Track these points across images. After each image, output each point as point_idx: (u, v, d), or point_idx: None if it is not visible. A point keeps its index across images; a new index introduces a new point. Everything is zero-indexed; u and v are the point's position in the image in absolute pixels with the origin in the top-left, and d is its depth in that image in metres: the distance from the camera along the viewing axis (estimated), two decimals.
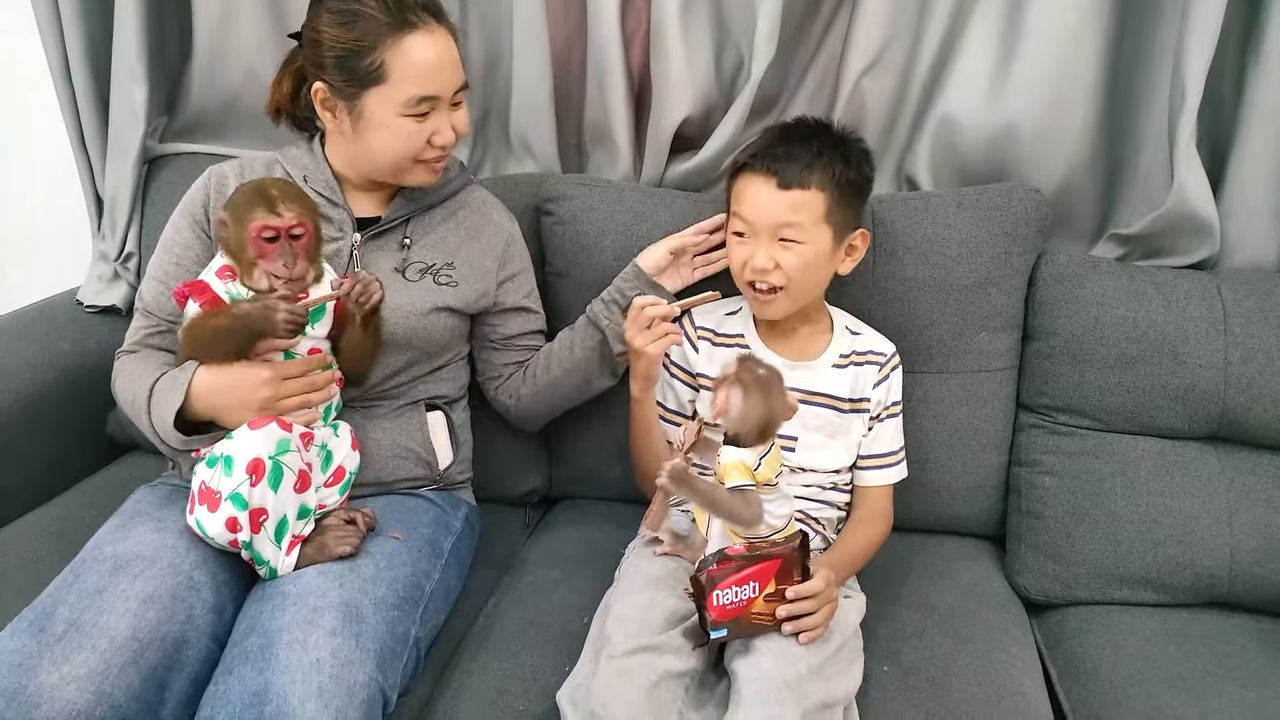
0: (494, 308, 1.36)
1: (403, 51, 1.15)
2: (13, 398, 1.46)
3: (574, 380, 1.37)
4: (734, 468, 1.09)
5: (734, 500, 1.09)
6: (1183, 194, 1.39)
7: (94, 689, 0.94)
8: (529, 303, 1.41)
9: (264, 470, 1.06)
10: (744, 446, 1.10)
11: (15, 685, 0.93)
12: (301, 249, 1.12)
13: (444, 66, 1.19)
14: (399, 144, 1.20)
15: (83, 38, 1.61)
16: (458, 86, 1.22)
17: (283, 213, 1.10)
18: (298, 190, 1.15)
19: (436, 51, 1.18)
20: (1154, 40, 1.42)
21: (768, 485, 1.11)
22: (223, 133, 1.73)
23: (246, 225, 1.09)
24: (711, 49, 1.53)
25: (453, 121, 1.23)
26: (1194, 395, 1.35)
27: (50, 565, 1.14)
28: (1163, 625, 1.30)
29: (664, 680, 1.03)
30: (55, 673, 0.94)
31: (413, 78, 1.16)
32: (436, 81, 1.18)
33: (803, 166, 1.21)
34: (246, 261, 1.12)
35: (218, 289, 1.13)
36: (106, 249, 1.71)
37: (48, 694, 0.93)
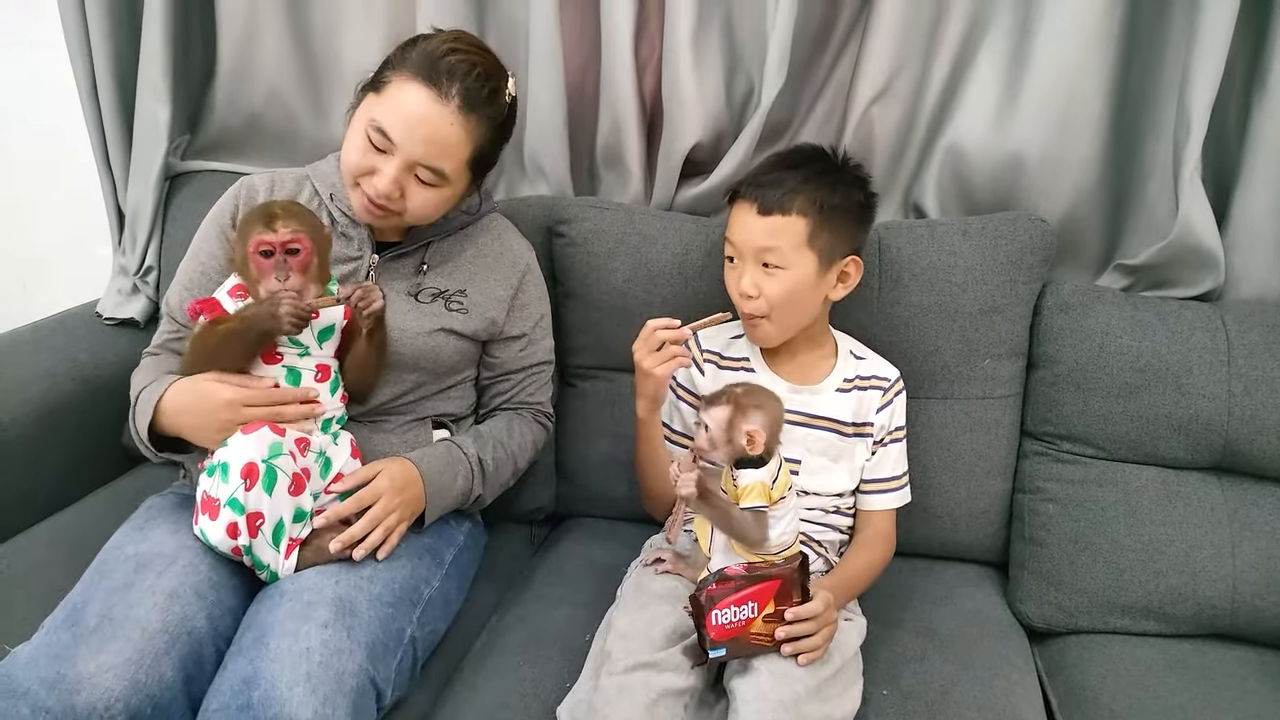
0: (500, 335, 1.37)
1: (403, 89, 1.18)
2: (31, 407, 1.49)
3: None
4: (753, 489, 1.11)
5: (747, 520, 1.11)
6: (1187, 226, 1.40)
7: (129, 677, 0.97)
8: (535, 332, 1.40)
9: (258, 474, 1.09)
10: (764, 464, 1.12)
11: (55, 674, 0.96)
12: (297, 265, 1.13)
13: (419, 126, 1.17)
14: (350, 152, 1.22)
15: (110, 57, 1.66)
16: (418, 159, 1.18)
17: (278, 229, 1.11)
18: (301, 209, 1.16)
19: (424, 112, 1.17)
20: (1160, 73, 1.44)
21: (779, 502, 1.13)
22: (244, 151, 1.77)
23: (244, 242, 1.13)
24: (723, 76, 1.56)
25: (400, 181, 1.19)
26: (1197, 426, 1.36)
27: (64, 572, 1.16)
28: (1163, 655, 1.30)
29: (663, 698, 1.04)
30: (92, 662, 0.97)
31: (387, 107, 1.18)
32: (400, 130, 1.17)
33: (784, 193, 1.22)
34: (251, 279, 1.15)
35: (228, 307, 1.16)
36: (126, 263, 1.74)
37: (86, 682, 0.95)
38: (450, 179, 1.22)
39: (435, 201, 1.24)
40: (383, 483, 1.17)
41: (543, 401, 1.43)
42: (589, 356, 1.55)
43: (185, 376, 1.17)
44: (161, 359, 1.29)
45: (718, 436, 1.12)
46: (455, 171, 1.22)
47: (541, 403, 1.43)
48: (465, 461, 1.27)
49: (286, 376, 1.17)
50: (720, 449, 1.13)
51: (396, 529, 1.18)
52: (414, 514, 1.21)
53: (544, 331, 1.42)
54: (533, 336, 1.39)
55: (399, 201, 1.21)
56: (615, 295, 1.49)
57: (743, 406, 1.12)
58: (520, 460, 1.37)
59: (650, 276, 1.48)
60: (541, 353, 1.41)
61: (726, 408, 1.12)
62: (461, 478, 1.27)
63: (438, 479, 1.24)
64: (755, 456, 1.12)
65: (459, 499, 1.28)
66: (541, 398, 1.43)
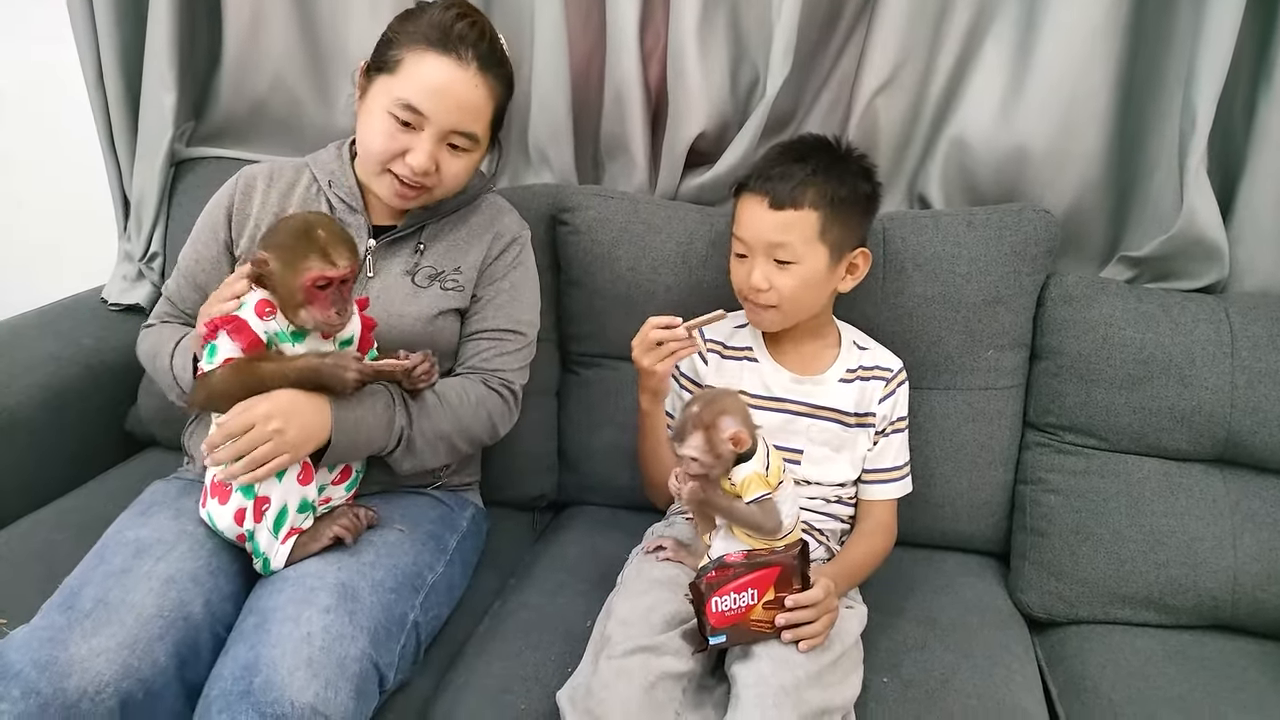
0: (473, 298, 1.33)
1: (420, 61, 1.18)
2: (37, 391, 1.50)
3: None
4: (751, 481, 1.11)
5: (754, 513, 1.11)
6: (1192, 218, 1.40)
7: (121, 662, 0.97)
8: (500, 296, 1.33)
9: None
10: (750, 458, 1.11)
11: (47, 657, 0.96)
12: (347, 292, 1.12)
13: (447, 95, 1.19)
14: (375, 139, 1.21)
15: (116, 44, 1.66)
16: (453, 126, 1.20)
17: (337, 262, 1.07)
18: (341, 230, 1.12)
19: (449, 79, 1.19)
20: (1166, 65, 1.44)
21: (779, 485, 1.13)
22: (249, 138, 1.77)
23: (300, 273, 1.07)
24: (728, 66, 1.56)
25: (436, 155, 1.21)
26: (1200, 417, 1.36)
27: (68, 556, 1.16)
28: (1163, 646, 1.31)
29: (662, 681, 1.04)
30: (85, 645, 0.97)
31: (412, 85, 1.18)
32: (431, 102, 1.18)
33: (794, 186, 1.22)
34: (293, 304, 1.09)
35: (256, 328, 1.10)
36: (132, 249, 1.75)
37: (78, 665, 0.96)
38: (480, 141, 1.24)
39: (466, 168, 1.25)
40: (260, 408, 1.08)
41: (501, 370, 1.31)
42: (592, 344, 1.56)
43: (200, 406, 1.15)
44: (169, 326, 1.29)
45: (707, 460, 1.10)
46: (483, 132, 1.24)
47: (500, 371, 1.31)
48: (385, 391, 1.18)
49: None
50: (715, 468, 1.11)
51: (270, 461, 1.08)
52: (306, 443, 1.11)
53: (512, 300, 1.34)
54: (498, 301, 1.33)
55: (434, 176, 1.22)
56: (619, 284, 1.49)
57: (709, 423, 1.09)
58: (463, 415, 1.25)
59: (653, 265, 1.48)
60: (506, 319, 1.32)
61: (697, 433, 1.09)
62: (382, 405, 1.17)
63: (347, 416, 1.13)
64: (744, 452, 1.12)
65: (380, 430, 1.17)
66: (500, 365, 1.31)
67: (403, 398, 1.20)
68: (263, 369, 1.10)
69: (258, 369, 1.10)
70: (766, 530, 1.12)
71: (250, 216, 1.30)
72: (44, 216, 2.04)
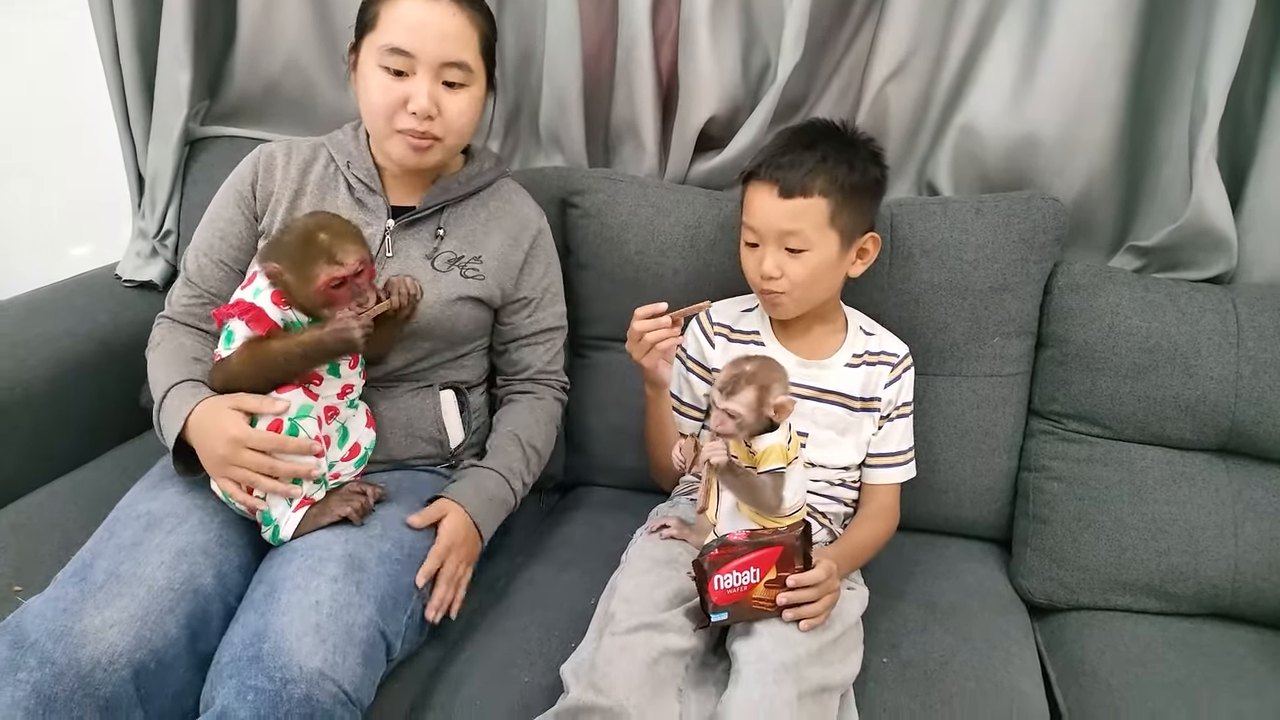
0: (510, 300, 1.38)
1: (395, 8, 1.20)
2: (52, 365, 1.51)
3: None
4: (772, 452, 1.13)
5: (766, 486, 1.13)
6: (1201, 208, 1.40)
7: (134, 633, 0.99)
8: (544, 297, 1.40)
9: (282, 430, 1.11)
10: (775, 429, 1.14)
11: (62, 628, 0.98)
12: (365, 281, 1.13)
13: (429, 28, 1.20)
14: (373, 96, 1.22)
15: (132, 23, 1.67)
16: (443, 58, 1.21)
17: (344, 260, 1.10)
18: (342, 224, 1.15)
19: (427, 14, 1.20)
20: (1177, 54, 1.44)
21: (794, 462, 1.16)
22: (263, 117, 1.78)
23: (312, 280, 1.10)
24: (739, 50, 1.56)
25: (434, 95, 1.21)
26: (1204, 407, 1.36)
27: (81, 527, 1.19)
28: (1163, 633, 1.31)
29: (664, 657, 1.06)
30: (98, 616, 0.99)
31: (392, 28, 1.20)
32: (413, 38, 1.19)
33: (804, 173, 1.22)
34: (316, 308, 1.12)
35: (274, 316, 1.13)
36: (146, 226, 1.76)
37: (92, 635, 0.98)
38: (474, 71, 1.24)
39: (468, 107, 1.25)
40: (444, 543, 1.20)
41: (558, 370, 1.44)
42: (600, 327, 1.57)
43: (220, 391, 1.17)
44: (178, 337, 1.28)
45: (748, 418, 1.12)
46: (474, 61, 1.24)
47: (557, 372, 1.44)
48: (511, 494, 1.30)
49: (328, 369, 1.17)
50: (747, 428, 1.14)
51: (462, 583, 1.22)
52: (472, 560, 1.25)
53: (553, 297, 1.42)
54: (541, 301, 1.40)
55: (439, 121, 1.23)
56: (627, 267, 1.50)
57: (766, 383, 1.13)
58: (547, 455, 1.40)
59: (662, 249, 1.49)
60: (551, 318, 1.42)
61: (750, 390, 1.12)
62: (506, 508, 1.30)
63: (490, 519, 1.27)
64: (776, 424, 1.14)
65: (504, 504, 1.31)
66: (557, 366, 1.44)
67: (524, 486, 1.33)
68: (272, 347, 1.13)
69: (268, 348, 1.13)
70: (769, 506, 1.13)
71: (273, 193, 1.31)
72: (60, 193, 2.06)
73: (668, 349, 1.24)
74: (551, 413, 1.42)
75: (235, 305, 1.14)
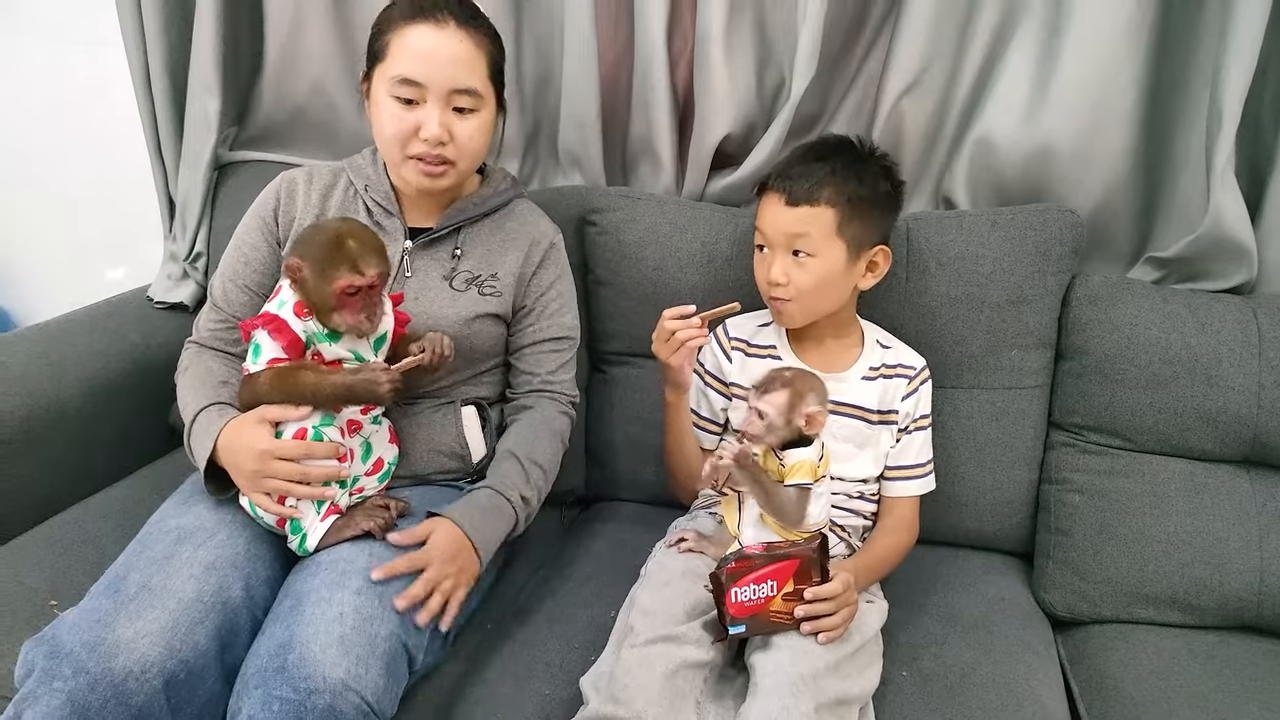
0: (519, 307, 1.38)
1: (403, 35, 1.22)
2: (86, 385, 1.55)
3: None
4: (802, 466, 1.14)
5: (790, 498, 1.14)
6: (1218, 218, 1.40)
7: (165, 644, 1.02)
8: (550, 305, 1.39)
9: (306, 438, 1.14)
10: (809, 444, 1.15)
11: (96, 638, 1.01)
12: (378, 295, 1.16)
13: (437, 57, 1.22)
14: (386, 125, 1.25)
15: (163, 53, 1.72)
16: (452, 85, 1.22)
17: (365, 270, 1.12)
18: (370, 236, 1.16)
19: (434, 42, 1.22)
20: (1192, 66, 1.44)
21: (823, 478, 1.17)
22: (289, 143, 1.83)
23: (330, 281, 1.12)
24: (754, 69, 1.58)
25: (445, 121, 1.23)
26: (1226, 418, 1.35)
27: (115, 542, 1.22)
28: (1188, 646, 1.31)
29: (683, 669, 1.06)
30: (130, 628, 1.02)
31: (401, 59, 1.22)
32: (422, 68, 1.21)
33: (812, 184, 1.24)
34: (326, 308, 1.14)
35: (296, 327, 1.15)
36: (177, 249, 1.81)
37: (124, 646, 1.01)
38: (483, 96, 1.26)
39: (478, 131, 1.27)
40: (432, 553, 1.15)
41: (565, 380, 1.42)
42: (619, 343, 1.59)
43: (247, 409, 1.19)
44: (205, 362, 1.31)
45: (776, 420, 1.15)
46: (483, 86, 1.26)
47: (564, 382, 1.41)
48: (508, 505, 1.26)
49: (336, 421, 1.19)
50: (776, 432, 1.16)
51: (454, 595, 1.16)
52: (470, 576, 1.19)
53: (561, 307, 1.41)
54: (548, 309, 1.39)
55: (451, 145, 1.25)
56: (645, 283, 1.52)
57: (800, 389, 1.16)
58: (553, 469, 1.36)
59: (679, 265, 1.51)
60: (559, 328, 1.40)
61: (784, 391, 1.15)
62: (505, 523, 1.26)
63: (484, 531, 1.22)
64: (804, 437, 1.15)
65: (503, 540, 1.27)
66: (564, 376, 1.41)
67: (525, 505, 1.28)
68: (303, 381, 1.15)
69: (299, 380, 1.15)
70: (791, 519, 1.14)
71: (295, 218, 1.34)
72: (95, 218, 2.11)
73: (693, 349, 1.26)
74: (550, 422, 1.37)
75: (261, 317, 1.17)
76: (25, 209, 2.14)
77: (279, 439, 1.15)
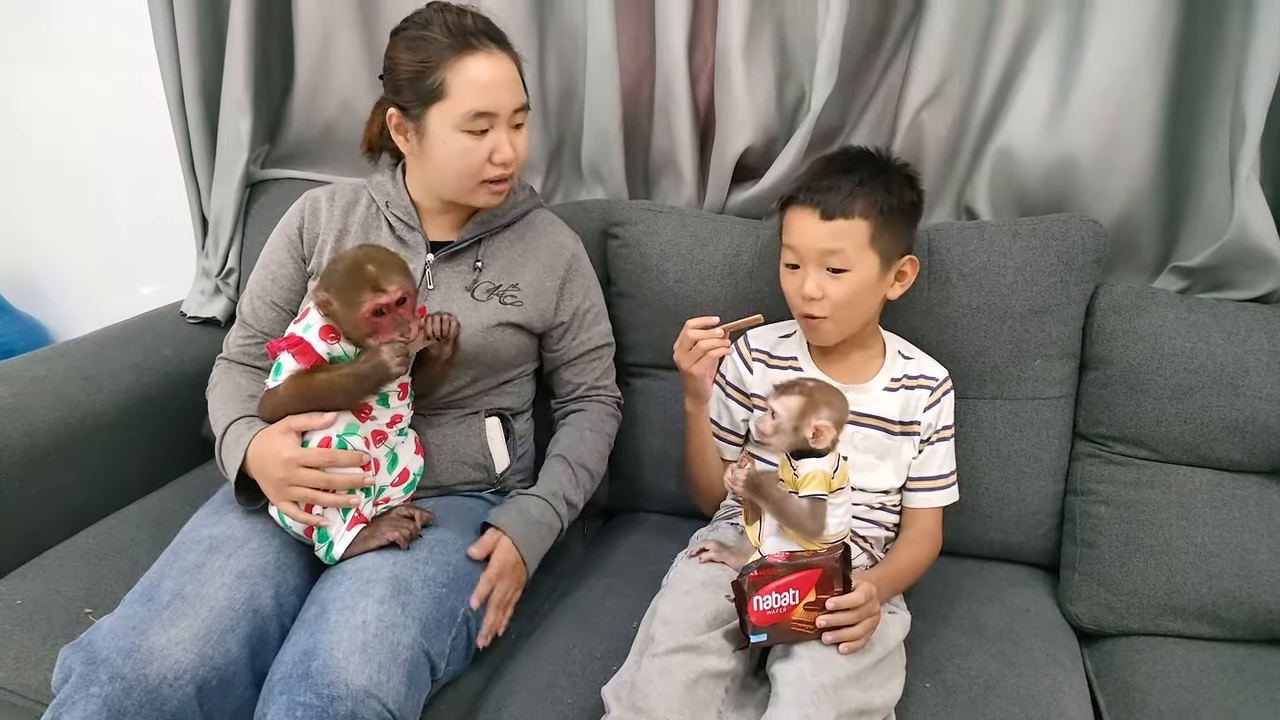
0: (553, 324, 1.42)
1: (462, 70, 1.24)
2: (121, 398, 1.59)
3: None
4: (814, 477, 1.15)
5: (804, 511, 1.15)
6: (1244, 226, 1.39)
7: (197, 651, 1.04)
8: (586, 318, 1.44)
9: (332, 446, 1.17)
10: (823, 455, 1.16)
11: (130, 645, 1.03)
12: (408, 311, 1.18)
13: (501, 85, 1.25)
14: (458, 160, 1.27)
15: (196, 73, 1.77)
16: (516, 106, 1.27)
17: (387, 288, 1.14)
18: (387, 255, 1.19)
19: (494, 71, 1.25)
20: (1215, 74, 1.43)
21: (839, 489, 1.17)
22: (319, 160, 1.86)
23: (356, 307, 1.14)
24: (774, 82, 1.59)
25: (512, 141, 1.28)
26: (1254, 428, 1.34)
27: (147, 552, 1.26)
28: (1216, 659, 1.29)
29: (703, 679, 1.07)
30: (164, 635, 1.05)
31: (470, 94, 1.24)
32: (492, 98, 1.25)
33: (844, 196, 1.25)
34: (360, 335, 1.17)
35: (320, 350, 1.18)
36: (209, 265, 1.85)
37: (159, 653, 1.03)
38: (529, 104, 1.31)
39: (527, 138, 1.33)
40: (495, 568, 1.24)
41: (609, 385, 1.49)
42: (641, 355, 1.60)
43: (269, 420, 1.22)
44: (234, 376, 1.35)
45: (785, 424, 1.16)
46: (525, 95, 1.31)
47: (609, 386, 1.48)
48: (557, 517, 1.33)
49: (378, 400, 1.22)
50: (784, 436, 1.17)
51: (512, 601, 1.26)
52: (519, 589, 1.28)
53: (596, 316, 1.46)
54: (584, 322, 1.44)
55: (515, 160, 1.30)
56: (667, 295, 1.53)
57: (815, 401, 1.17)
58: (600, 470, 1.43)
59: (701, 277, 1.52)
60: (598, 336, 1.46)
61: (799, 398, 1.17)
62: (552, 534, 1.33)
63: (534, 545, 1.29)
64: (816, 449, 1.16)
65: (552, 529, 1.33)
66: (607, 380, 1.48)
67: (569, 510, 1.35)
68: (317, 379, 1.18)
69: (313, 380, 1.18)
70: (809, 530, 1.15)
71: (319, 235, 1.38)
72: (131, 235, 2.17)
73: (715, 359, 1.27)
74: (599, 425, 1.44)
75: (286, 339, 1.21)
76: (63, 227, 2.20)
77: (304, 448, 1.17)
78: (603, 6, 1.57)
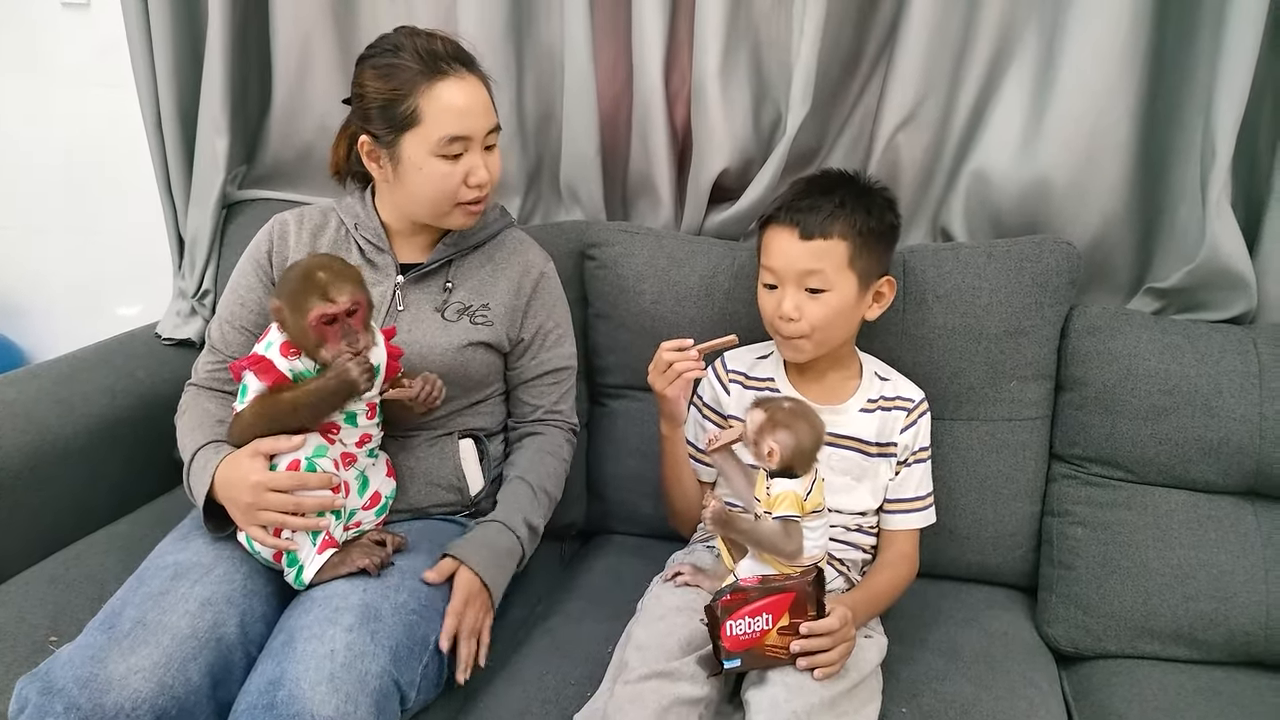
0: (517, 341, 1.40)
1: (434, 96, 1.24)
2: (93, 422, 1.57)
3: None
4: (785, 498, 1.14)
5: (776, 534, 1.14)
6: (1215, 249, 1.40)
7: (157, 680, 1.02)
8: (549, 338, 1.42)
9: (300, 469, 1.15)
10: (796, 477, 1.15)
11: (88, 674, 1.01)
12: (359, 323, 1.17)
13: (474, 109, 1.26)
14: (434, 184, 1.27)
15: (174, 94, 1.76)
16: (489, 128, 1.28)
17: (335, 297, 1.13)
18: (342, 265, 1.19)
19: (467, 96, 1.25)
20: (1186, 97, 1.44)
21: (815, 513, 1.16)
22: (296, 181, 1.86)
23: (305, 314, 1.13)
24: (750, 105, 1.60)
25: (486, 163, 1.29)
26: (1228, 449, 1.34)
27: (116, 579, 1.23)
28: (1193, 681, 1.29)
29: (675, 706, 1.06)
30: (123, 664, 1.03)
31: (444, 120, 1.24)
32: (467, 123, 1.25)
33: (824, 217, 1.25)
34: (311, 345, 1.16)
35: (282, 367, 1.17)
36: (185, 286, 1.84)
37: (117, 682, 1.01)
38: (499, 126, 1.32)
39: (499, 159, 1.33)
40: (459, 598, 1.20)
41: (565, 410, 1.45)
42: (618, 376, 1.59)
43: (237, 444, 1.21)
44: (203, 403, 1.34)
45: (749, 436, 1.17)
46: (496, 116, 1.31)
47: (565, 412, 1.45)
48: (516, 541, 1.29)
49: (345, 418, 1.21)
50: (747, 444, 1.18)
51: (482, 637, 1.22)
52: (488, 615, 1.24)
53: (559, 338, 1.44)
54: (546, 342, 1.42)
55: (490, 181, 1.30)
56: (644, 316, 1.53)
57: (775, 422, 1.15)
58: (558, 495, 1.40)
59: (678, 298, 1.52)
60: (558, 359, 1.43)
61: (762, 414, 1.16)
62: (513, 556, 1.29)
63: (495, 570, 1.25)
64: (783, 470, 1.15)
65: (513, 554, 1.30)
66: (565, 406, 1.45)
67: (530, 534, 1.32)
68: (282, 398, 1.17)
69: (278, 398, 1.17)
70: (785, 553, 1.14)
71: (287, 259, 1.37)
72: (109, 256, 2.15)
73: (689, 381, 1.27)
74: (557, 450, 1.42)
75: (248, 358, 1.19)
76: (42, 246, 2.18)
77: (272, 471, 1.16)
78: (580, 29, 1.57)
